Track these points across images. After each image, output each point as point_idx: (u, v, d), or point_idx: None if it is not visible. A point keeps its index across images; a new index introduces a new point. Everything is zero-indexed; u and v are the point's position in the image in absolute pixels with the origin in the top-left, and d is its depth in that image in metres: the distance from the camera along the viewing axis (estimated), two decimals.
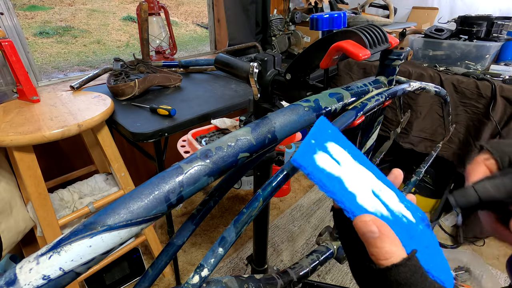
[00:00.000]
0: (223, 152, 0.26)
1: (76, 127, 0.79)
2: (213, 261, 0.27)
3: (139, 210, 0.21)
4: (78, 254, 0.18)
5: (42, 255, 0.18)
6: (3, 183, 0.89)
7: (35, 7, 4.85)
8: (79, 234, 0.19)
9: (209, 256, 0.27)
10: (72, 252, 0.18)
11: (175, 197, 0.23)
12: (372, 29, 0.37)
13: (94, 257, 0.19)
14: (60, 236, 0.19)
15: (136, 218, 0.20)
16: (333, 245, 0.73)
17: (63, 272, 0.18)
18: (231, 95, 1.11)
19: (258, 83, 0.53)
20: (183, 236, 0.34)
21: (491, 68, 1.29)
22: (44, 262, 0.18)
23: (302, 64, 0.44)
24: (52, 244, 0.19)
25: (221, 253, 0.27)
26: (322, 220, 1.65)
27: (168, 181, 0.23)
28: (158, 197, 0.22)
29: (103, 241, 0.19)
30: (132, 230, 0.20)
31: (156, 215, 0.22)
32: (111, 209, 0.20)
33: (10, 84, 1.05)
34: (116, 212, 0.20)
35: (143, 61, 1.18)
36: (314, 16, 0.54)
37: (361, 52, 0.34)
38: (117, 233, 0.20)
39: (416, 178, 0.80)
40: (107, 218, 0.20)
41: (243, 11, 1.67)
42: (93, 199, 1.04)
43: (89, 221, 0.20)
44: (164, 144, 1.18)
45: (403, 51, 0.48)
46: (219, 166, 0.25)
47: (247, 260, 0.92)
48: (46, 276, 0.18)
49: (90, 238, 0.19)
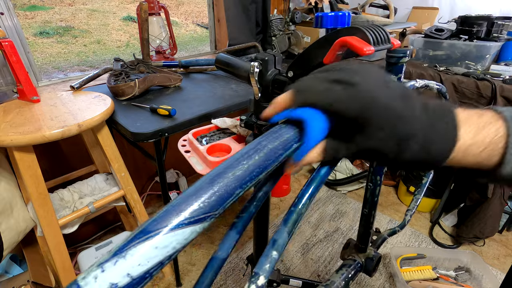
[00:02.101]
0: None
1: (76, 127, 0.79)
2: (268, 267, 0.25)
3: (204, 206, 0.20)
4: (145, 257, 0.17)
5: (107, 261, 0.16)
6: (4, 183, 0.89)
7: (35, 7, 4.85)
8: (142, 236, 0.18)
9: (263, 262, 0.25)
10: (138, 255, 0.17)
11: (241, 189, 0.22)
12: (376, 28, 0.38)
13: (162, 260, 0.18)
14: (121, 242, 0.18)
15: (198, 215, 0.19)
16: (361, 258, 0.71)
17: (131, 279, 0.16)
18: (231, 95, 1.11)
19: (259, 82, 0.53)
20: (227, 248, 0.31)
21: (491, 68, 1.29)
22: (109, 269, 0.16)
23: (305, 61, 0.44)
24: (116, 248, 0.17)
25: (275, 257, 0.25)
26: (322, 220, 1.65)
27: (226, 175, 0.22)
28: (220, 194, 0.21)
29: (168, 241, 0.18)
30: (196, 228, 0.19)
31: (218, 210, 0.21)
32: (173, 208, 0.19)
33: (10, 84, 1.05)
34: (179, 210, 0.19)
35: (143, 61, 1.18)
36: (319, 14, 0.54)
37: (365, 47, 0.34)
38: (182, 231, 0.19)
39: (427, 179, 0.81)
40: (171, 217, 0.19)
41: (243, 11, 1.67)
42: (93, 199, 1.04)
43: (152, 221, 0.18)
44: (164, 144, 1.18)
45: (407, 49, 0.49)
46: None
47: (247, 260, 0.92)
48: (114, 284, 0.16)
49: (155, 238, 0.18)
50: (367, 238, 0.72)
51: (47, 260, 1.12)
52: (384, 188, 1.91)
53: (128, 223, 1.41)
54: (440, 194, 1.57)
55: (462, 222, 1.50)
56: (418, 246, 1.48)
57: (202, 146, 0.64)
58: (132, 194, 1.08)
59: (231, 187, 0.21)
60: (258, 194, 0.36)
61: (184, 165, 1.79)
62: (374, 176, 0.67)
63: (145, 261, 0.17)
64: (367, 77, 0.25)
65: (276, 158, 0.25)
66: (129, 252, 0.17)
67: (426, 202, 1.67)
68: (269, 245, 0.26)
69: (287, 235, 0.27)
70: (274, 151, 0.25)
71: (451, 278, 1.26)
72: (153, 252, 0.17)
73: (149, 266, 0.17)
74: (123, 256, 0.17)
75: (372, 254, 0.71)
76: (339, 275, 0.62)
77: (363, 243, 0.73)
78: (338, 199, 1.83)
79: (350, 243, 0.75)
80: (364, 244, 0.73)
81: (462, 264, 1.29)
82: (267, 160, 0.24)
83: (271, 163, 0.25)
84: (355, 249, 0.73)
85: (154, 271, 0.17)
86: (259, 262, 0.25)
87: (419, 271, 1.25)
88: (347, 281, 0.62)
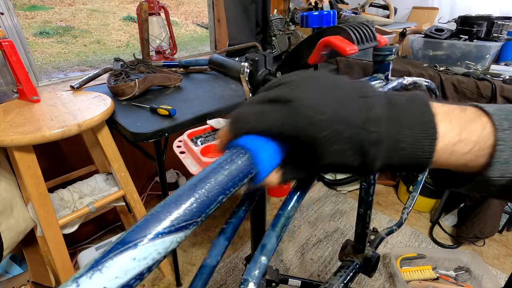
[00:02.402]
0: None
1: (76, 127, 0.79)
2: (258, 272, 0.24)
3: (184, 213, 0.19)
4: (122, 269, 0.16)
5: (82, 276, 0.16)
6: (4, 183, 0.89)
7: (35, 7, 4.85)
8: (120, 247, 0.17)
9: (252, 268, 0.24)
10: (115, 267, 0.16)
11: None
12: (361, 26, 0.38)
13: (141, 271, 0.17)
14: (98, 254, 0.17)
15: (180, 223, 0.18)
16: (359, 258, 0.71)
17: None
18: (231, 95, 1.11)
19: (249, 82, 0.53)
20: (217, 254, 0.31)
21: (491, 68, 1.29)
22: (84, 284, 0.15)
23: (292, 61, 0.44)
24: (92, 261, 0.16)
25: (264, 262, 0.25)
26: (322, 220, 1.65)
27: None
28: (201, 200, 0.20)
29: (147, 252, 0.17)
30: (177, 237, 0.18)
31: (202, 216, 0.20)
32: (152, 216, 0.18)
33: (10, 84, 1.05)
34: (158, 218, 0.18)
35: (143, 61, 1.18)
36: (304, 14, 0.54)
37: (348, 47, 0.34)
38: (161, 241, 0.18)
39: (422, 177, 0.80)
40: (150, 226, 0.18)
41: (243, 11, 1.66)
42: (93, 199, 1.04)
43: (130, 231, 0.18)
44: (164, 144, 1.18)
45: (393, 47, 0.49)
46: None
47: (246, 260, 0.92)
48: None
49: (134, 249, 0.17)
50: (364, 238, 0.71)
51: (47, 260, 1.12)
52: (384, 188, 1.91)
53: (128, 223, 1.42)
54: (440, 194, 1.57)
55: (462, 222, 1.50)
56: (418, 246, 1.48)
57: (196, 147, 0.64)
58: (132, 194, 1.08)
59: (213, 193, 0.20)
60: (247, 200, 0.34)
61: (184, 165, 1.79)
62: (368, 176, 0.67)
63: (122, 273, 0.16)
64: (306, 89, 0.22)
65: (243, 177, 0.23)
66: (106, 264, 0.16)
67: (426, 202, 1.67)
68: (258, 250, 0.25)
69: (275, 240, 0.26)
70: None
71: (451, 278, 1.26)
72: (131, 264, 0.16)
73: (127, 278, 0.16)
74: (99, 269, 0.16)
75: (370, 254, 0.71)
76: (338, 277, 0.62)
77: (361, 243, 0.72)
78: (338, 199, 1.83)
79: (348, 244, 0.75)
80: (362, 244, 0.72)
81: (462, 264, 1.29)
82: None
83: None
84: (353, 250, 0.73)
85: (133, 283, 0.17)
86: (248, 268, 0.24)
87: (419, 271, 1.25)
88: (346, 283, 0.62)
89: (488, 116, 0.22)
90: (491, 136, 0.22)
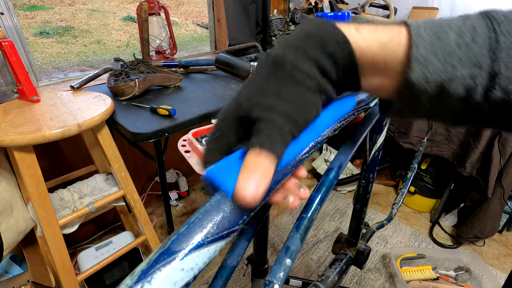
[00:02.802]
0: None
1: (76, 127, 0.79)
2: (282, 275, 0.24)
3: (224, 222, 0.19)
4: (171, 280, 0.16)
5: (133, 287, 0.15)
6: (4, 183, 0.89)
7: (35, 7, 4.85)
8: (167, 258, 0.16)
9: (277, 270, 0.24)
10: (164, 278, 0.16)
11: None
12: None
13: (188, 281, 0.17)
14: (144, 263, 0.16)
15: (223, 231, 0.18)
16: (351, 251, 0.74)
17: None
18: (231, 95, 1.11)
19: None
20: (237, 254, 0.30)
21: None
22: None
23: None
24: (139, 272, 0.16)
25: (289, 264, 0.25)
26: (322, 220, 1.65)
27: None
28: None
29: (194, 262, 0.17)
30: (220, 244, 0.18)
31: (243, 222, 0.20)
32: (195, 225, 0.18)
33: (10, 84, 1.05)
34: (202, 226, 0.18)
35: (143, 61, 1.18)
36: (318, 15, 0.54)
37: None
38: (206, 250, 0.17)
39: (411, 174, 0.83)
40: (193, 234, 0.18)
41: (243, 11, 1.66)
42: (93, 199, 1.04)
43: (174, 240, 0.17)
44: (164, 144, 1.18)
45: None
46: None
47: (247, 260, 0.92)
48: None
49: (181, 260, 0.16)
50: (358, 233, 0.74)
51: (47, 260, 1.12)
52: (384, 188, 1.91)
53: (128, 223, 1.42)
54: (440, 194, 1.57)
55: (462, 222, 1.50)
56: (418, 246, 1.48)
57: (202, 146, 0.64)
58: (132, 194, 1.08)
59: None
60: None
61: (184, 165, 1.79)
62: (367, 174, 0.69)
63: (171, 284, 0.16)
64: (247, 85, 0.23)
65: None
66: (154, 276, 0.16)
67: (426, 202, 1.67)
68: (282, 252, 0.26)
69: (299, 242, 0.26)
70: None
71: (451, 278, 1.26)
72: (180, 275, 0.16)
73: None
74: (147, 280, 0.15)
75: (363, 247, 0.74)
76: (333, 270, 0.65)
77: (354, 237, 0.75)
78: (338, 199, 1.83)
79: (341, 238, 0.77)
80: (355, 238, 0.75)
81: (462, 264, 1.29)
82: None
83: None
84: (346, 243, 0.76)
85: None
86: (272, 270, 0.24)
87: (419, 271, 1.25)
88: (340, 274, 0.64)
89: (405, 24, 0.22)
90: (405, 35, 0.21)
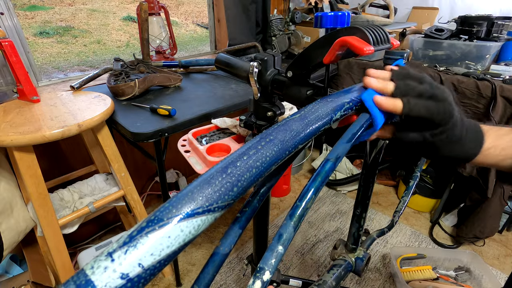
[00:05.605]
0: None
1: (76, 127, 0.79)
2: (274, 261, 0.24)
3: (213, 196, 0.19)
4: (157, 247, 0.16)
5: (116, 251, 0.15)
6: (4, 183, 0.89)
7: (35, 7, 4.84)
8: (154, 225, 0.16)
9: (269, 257, 0.24)
10: (150, 244, 0.16)
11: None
12: (376, 28, 0.38)
13: (174, 250, 0.17)
14: (131, 230, 0.17)
15: (212, 204, 0.19)
16: (351, 258, 0.72)
17: (143, 269, 0.15)
18: (231, 95, 1.11)
19: (258, 82, 0.53)
20: (230, 243, 0.31)
21: (491, 68, 1.29)
22: (119, 258, 0.15)
23: (304, 60, 0.44)
24: (125, 237, 0.16)
25: (281, 252, 0.25)
26: (322, 220, 1.65)
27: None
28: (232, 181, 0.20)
29: (180, 230, 0.17)
30: (209, 217, 0.19)
31: (231, 200, 0.20)
32: (186, 196, 0.18)
33: (10, 84, 1.05)
34: (192, 197, 0.18)
35: (143, 61, 1.18)
36: (319, 14, 0.54)
37: (366, 47, 0.34)
38: (195, 221, 0.18)
39: (413, 182, 0.81)
40: (184, 204, 0.18)
41: (243, 11, 1.67)
42: (93, 199, 1.04)
43: (163, 209, 0.17)
44: (164, 144, 1.18)
45: (404, 51, 0.49)
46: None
47: (247, 260, 0.92)
48: (125, 274, 0.15)
49: (168, 227, 0.17)
50: (358, 239, 0.72)
51: (47, 260, 1.12)
52: (384, 188, 1.91)
53: (128, 223, 1.42)
54: (440, 194, 1.57)
55: (462, 222, 1.50)
56: (418, 246, 1.48)
57: (202, 146, 0.64)
58: (132, 194, 1.08)
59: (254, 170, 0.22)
60: (261, 189, 0.35)
61: (184, 165, 1.79)
62: (367, 177, 0.67)
63: (157, 250, 0.16)
64: (448, 93, 0.34)
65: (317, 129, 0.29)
66: (141, 241, 0.16)
67: (426, 202, 1.67)
68: (274, 239, 0.26)
69: (292, 230, 0.26)
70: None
71: (451, 278, 1.26)
72: (166, 242, 0.16)
73: (162, 256, 0.16)
74: (133, 245, 0.16)
75: (362, 254, 0.72)
76: (331, 275, 0.63)
77: (354, 243, 0.73)
78: (338, 199, 1.83)
79: (340, 244, 0.76)
80: (355, 244, 0.73)
81: (462, 264, 1.29)
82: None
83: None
84: (346, 249, 0.74)
85: (167, 261, 0.17)
86: (264, 257, 0.24)
87: (419, 271, 1.25)
88: (338, 280, 0.62)
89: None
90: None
